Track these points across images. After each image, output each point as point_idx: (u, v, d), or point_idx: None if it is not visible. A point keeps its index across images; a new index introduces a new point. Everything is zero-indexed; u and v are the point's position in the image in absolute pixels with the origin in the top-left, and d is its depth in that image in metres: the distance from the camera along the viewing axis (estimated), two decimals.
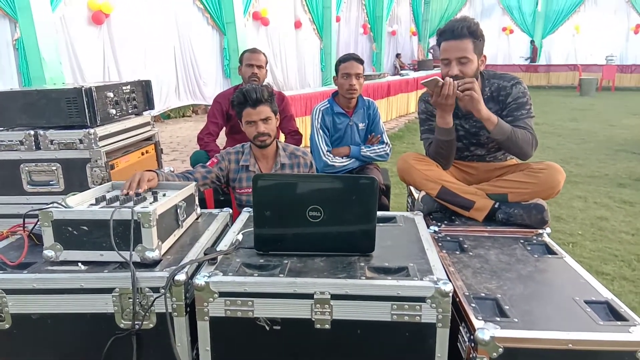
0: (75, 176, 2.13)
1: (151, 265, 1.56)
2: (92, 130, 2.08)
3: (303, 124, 6.16)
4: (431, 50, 18.57)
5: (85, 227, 1.55)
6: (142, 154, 2.50)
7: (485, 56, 2.28)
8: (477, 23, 2.23)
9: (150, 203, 1.72)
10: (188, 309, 1.51)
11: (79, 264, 1.56)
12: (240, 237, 1.74)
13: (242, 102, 2.22)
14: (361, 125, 3.17)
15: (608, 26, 17.96)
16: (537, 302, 1.53)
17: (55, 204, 1.61)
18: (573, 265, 1.82)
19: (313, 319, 1.45)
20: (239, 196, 2.35)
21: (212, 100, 3.38)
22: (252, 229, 1.80)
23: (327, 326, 1.45)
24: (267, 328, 1.47)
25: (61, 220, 1.55)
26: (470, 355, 1.41)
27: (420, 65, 15.90)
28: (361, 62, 3.02)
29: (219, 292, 1.46)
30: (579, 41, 18.60)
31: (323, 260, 1.59)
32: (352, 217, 1.57)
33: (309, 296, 1.44)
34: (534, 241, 2.04)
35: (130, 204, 1.68)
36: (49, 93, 2.11)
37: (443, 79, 2.17)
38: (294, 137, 3.38)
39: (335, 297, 1.43)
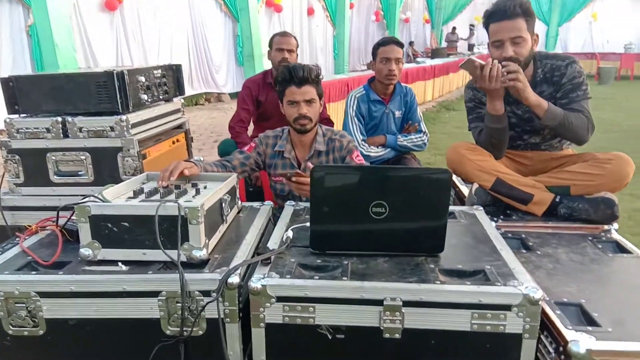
0: (106, 166, 1.99)
1: (198, 265, 1.41)
2: (124, 117, 1.94)
3: None
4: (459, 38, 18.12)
5: (126, 224, 1.40)
6: (173, 142, 2.35)
7: (537, 35, 2.10)
8: (528, 0, 2.06)
9: (193, 196, 1.57)
10: (241, 315, 1.36)
11: (119, 263, 1.42)
12: (290, 234, 1.59)
13: (287, 79, 2.03)
14: (397, 113, 3.00)
15: (626, 14, 17.51)
16: (627, 308, 1.37)
17: (91, 198, 1.47)
18: None
19: (382, 328, 1.30)
20: (273, 184, 2.20)
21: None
22: (301, 225, 1.67)
23: (397, 335, 1.30)
24: (330, 337, 1.32)
25: (100, 215, 1.40)
26: None
27: (434, 54, 15.59)
28: (401, 45, 2.85)
29: (277, 296, 1.31)
30: (595, 29, 18.18)
31: (386, 261, 1.44)
32: (420, 214, 1.41)
33: (378, 302, 1.29)
34: (603, 238, 1.88)
35: (172, 197, 1.54)
36: (77, 77, 1.96)
37: (499, 57, 2.01)
38: (326, 125, 3.21)
39: (407, 303, 1.28)
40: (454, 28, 18.41)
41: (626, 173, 1.97)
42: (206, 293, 1.34)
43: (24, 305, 1.36)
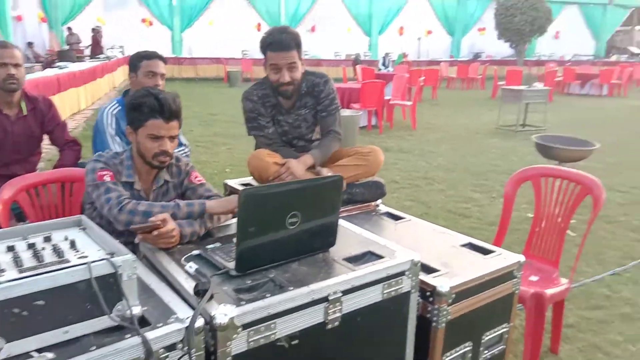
0: None
1: (140, 324, 1.24)
2: None
3: None
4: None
5: (41, 302, 1.10)
6: None
7: (303, 59, 2.59)
8: (298, 33, 2.53)
9: (76, 249, 1.32)
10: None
11: (35, 354, 1.10)
12: (193, 265, 1.53)
13: (155, 110, 1.75)
14: None
15: (237, 21, 20.17)
16: (441, 256, 1.95)
17: None
18: (421, 223, 2.34)
19: (326, 321, 1.48)
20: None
21: None
22: (190, 253, 1.64)
23: (336, 324, 1.51)
24: (287, 346, 1.42)
25: (3, 302, 1.05)
26: (429, 308, 1.73)
27: (62, 57, 14.26)
28: (164, 60, 2.78)
29: (242, 324, 1.32)
30: (214, 34, 20.15)
31: (300, 264, 1.60)
32: (321, 217, 1.63)
33: (324, 300, 1.46)
34: (381, 212, 2.48)
35: (55, 257, 1.26)
36: None
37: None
38: (73, 148, 2.83)
39: (344, 292, 1.50)
40: (69, 29, 17.24)
41: (381, 161, 2.64)
42: (170, 347, 1.21)
43: None
